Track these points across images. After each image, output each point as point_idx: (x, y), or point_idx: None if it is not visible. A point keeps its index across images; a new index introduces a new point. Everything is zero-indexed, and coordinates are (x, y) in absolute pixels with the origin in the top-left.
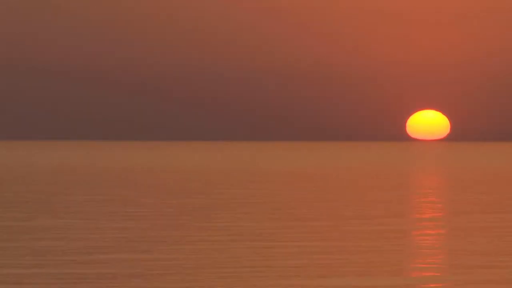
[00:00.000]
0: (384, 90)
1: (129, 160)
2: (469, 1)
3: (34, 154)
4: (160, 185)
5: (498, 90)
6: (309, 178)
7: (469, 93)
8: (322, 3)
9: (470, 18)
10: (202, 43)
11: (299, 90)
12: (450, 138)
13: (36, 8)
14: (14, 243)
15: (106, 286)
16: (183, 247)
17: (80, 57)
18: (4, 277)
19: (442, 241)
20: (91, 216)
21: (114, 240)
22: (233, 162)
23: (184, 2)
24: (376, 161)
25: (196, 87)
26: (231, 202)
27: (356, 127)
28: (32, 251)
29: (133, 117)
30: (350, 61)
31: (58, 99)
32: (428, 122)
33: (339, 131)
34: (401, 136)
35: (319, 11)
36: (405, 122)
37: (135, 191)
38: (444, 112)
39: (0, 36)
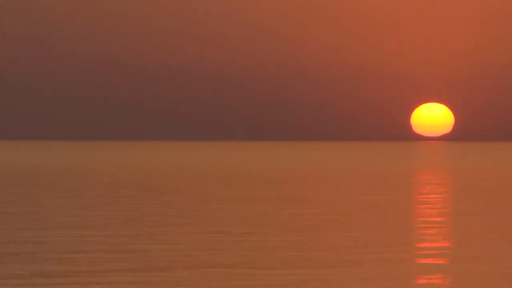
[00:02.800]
0: (383, 86)
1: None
2: None
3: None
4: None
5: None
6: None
7: (472, 85)
8: (321, 1)
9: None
10: (202, 43)
11: (299, 89)
12: (455, 132)
13: (38, 12)
14: None
15: None
16: None
17: (78, 59)
18: None
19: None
20: None
21: None
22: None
23: (184, 2)
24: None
25: (195, 87)
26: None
27: (359, 121)
28: None
29: (132, 117)
30: (348, 59)
31: (57, 101)
32: (432, 117)
33: (339, 131)
34: (405, 130)
35: (317, 10)
36: (409, 116)
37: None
38: (446, 104)
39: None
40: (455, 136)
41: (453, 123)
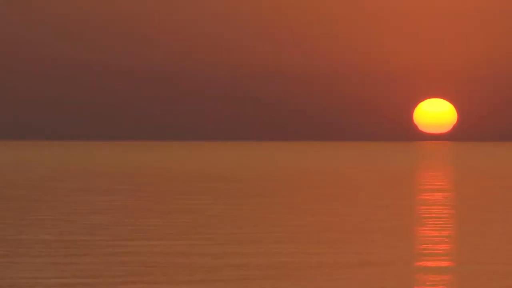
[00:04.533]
0: (382, 84)
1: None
2: None
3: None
4: None
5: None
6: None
7: (474, 81)
8: (319, 1)
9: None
10: (203, 43)
11: (299, 89)
12: (457, 130)
13: (35, 8)
14: None
15: None
16: None
17: (79, 57)
18: None
19: None
20: None
21: None
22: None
23: (182, 2)
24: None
25: (194, 87)
26: None
27: (358, 120)
28: None
29: (133, 117)
30: (348, 58)
31: (60, 100)
32: (435, 114)
33: (341, 130)
34: (408, 128)
35: (316, 9)
36: (411, 113)
37: None
38: (448, 100)
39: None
40: (456, 134)
41: (456, 120)
